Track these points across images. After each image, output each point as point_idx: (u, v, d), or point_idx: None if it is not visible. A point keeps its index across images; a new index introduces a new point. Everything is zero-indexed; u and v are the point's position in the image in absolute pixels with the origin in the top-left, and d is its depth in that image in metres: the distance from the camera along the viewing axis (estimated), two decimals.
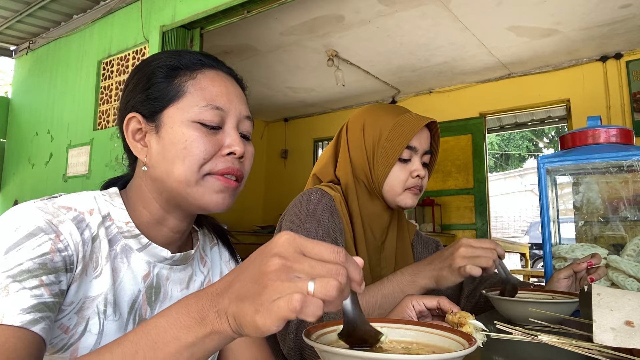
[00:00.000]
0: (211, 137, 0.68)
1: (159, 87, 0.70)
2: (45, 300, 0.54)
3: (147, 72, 0.72)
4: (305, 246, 0.41)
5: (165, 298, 0.72)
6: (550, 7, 3.51)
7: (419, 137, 1.11)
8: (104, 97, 3.88)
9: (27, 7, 4.07)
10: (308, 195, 1.06)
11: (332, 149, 1.21)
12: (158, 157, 0.68)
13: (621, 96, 4.22)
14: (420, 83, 5.28)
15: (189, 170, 0.66)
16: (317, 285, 0.38)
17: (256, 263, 0.42)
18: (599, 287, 0.68)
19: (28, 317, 0.51)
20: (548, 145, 15.56)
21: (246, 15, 2.97)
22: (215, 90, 0.70)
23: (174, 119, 0.68)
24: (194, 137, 0.67)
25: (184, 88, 0.69)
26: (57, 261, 0.57)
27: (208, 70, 0.72)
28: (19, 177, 4.78)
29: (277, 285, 0.39)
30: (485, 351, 0.71)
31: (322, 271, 0.40)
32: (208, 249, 0.85)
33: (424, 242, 1.33)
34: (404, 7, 3.57)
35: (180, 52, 0.74)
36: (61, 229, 0.60)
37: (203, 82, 0.70)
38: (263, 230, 5.47)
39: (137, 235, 0.69)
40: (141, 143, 0.71)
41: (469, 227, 5.08)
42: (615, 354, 0.59)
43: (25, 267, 0.54)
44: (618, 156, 1.13)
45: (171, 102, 0.69)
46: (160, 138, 0.68)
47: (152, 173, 0.70)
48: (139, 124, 0.70)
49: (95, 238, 0.65)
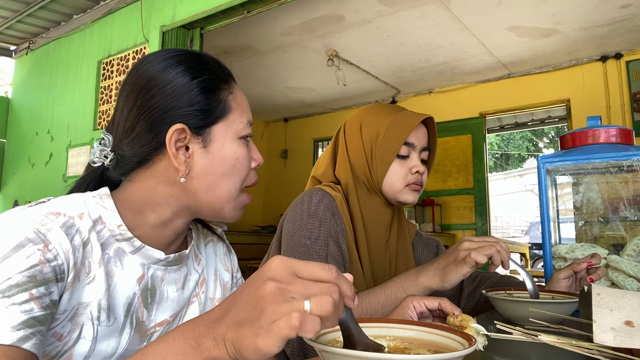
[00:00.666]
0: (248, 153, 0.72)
1: (206, 101, 0.69)
2: (35, 315, 0.53)
3: (188, 79, 0.69)
4: (297, 267, 0.43)
5: (162, 299, 0.72)
6: (550, 7, 3.51)
7: (416, 134, 1.11)
8: (104, 97, 3.88)
9: (27, 7, 4.07)
10: (309, 196, 1.06)
11: (330, 151, 1.22)
12: (202, 171, 0.69)
13: (621, 96, 4.22)
14: (420, 83, 5.28)
15: (235, 187, 0.70)
16: (312, 304, 0.40)
17: (251, 288, 0.43)
18: (599, 287, 0.68)
19: (18, 334, 0.50)
20: (548, 145, 15.56)
21: (246, 15, 2.97)
22: (245, 105, 0.74)
23: (226, 135, 0.70)
24: (244, 155, 0.71)
25: (229, 103, 0.71)
26: (47, 272, 0.56)
27: (232, 81, 0.74)
28: (19, 177, 4.78)
29: (274, 307, 0.40)
30: (485, 351, 0.71)
31: (316, 290, 0.41)
32: (202, 246, 0.84)
33: (424, 242, 1.33)
34: (404, 7, 3.57)
35: (208, 59, 0.73)
36: (50, 237, 0.58)
37: (237, 96, 0.73)
38: (263, 230, 5.47)
39: (129, 239, 0.68)
40: (183, 154, 0.69)
41: (469, 227, 5.08)
42: (615, 354, 0.59)
43: (14, 281, 0.52)
44: (618, 156, 1.13)
45: (220, 118, 0.70)
46: (210, 153, 0.69)
47: (189, 185, 0.69)
48: (182, 134, 0.68)
49: (87, 243, 0.63)
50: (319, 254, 0.99)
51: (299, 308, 0.39)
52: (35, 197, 4.37)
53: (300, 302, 0.40)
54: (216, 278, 0.84)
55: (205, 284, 0.81)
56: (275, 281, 0.41)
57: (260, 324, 0.40)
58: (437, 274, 0.96)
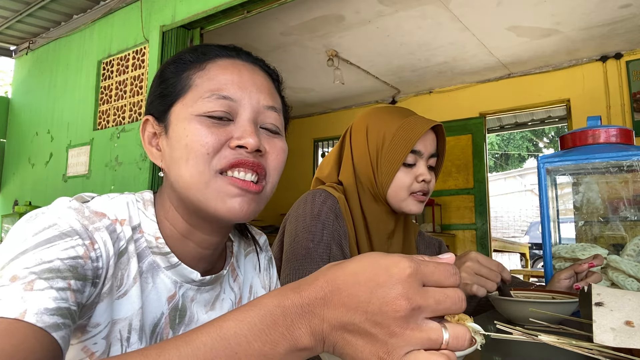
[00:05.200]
0: (217, 129, 0.59)
1: (168, 83, 0.63)
2: (69, 307, 0.46)
3: (160, 70, 0.66)
4: (425, 276, 0.37)
5: (191, 321, 0.64)
6: (550, 7, 3.51)
7: (424, 141, 1.08)
8: (104, 97, 3.88)
9: (27, 7, 4.07)
10: (312, 197, 1.05)
11: (335, 153, 1.20)
12: (169, 160, 0.61)
13: (621, 96, 4.22)
14: (420, 83, 5.28)
15: (194, 169, 0.58)
16: (451, 340, 0.36)
17: (374, 298, 0.36)
18: (599, 287, 0.68)
19: (51, 319, 0.44)
20: (548, 145, 15.56)
21: (246, 15, 2.97)
22: (224, 79, 0.61)
23: (179, 115, 0.60)
24: (195, 130, 0.58)
25: (191, 81, 0.61)
26: (87, 270, 0.51)
27: (222, 59, 0.64)
28: (19, 177, 4.78)
29: (407, 334, 0.35)
30: (485, 351, 0.71)
31: (448, 304, 0.37)
32: (242, 258, 0.76)
33: (427, 242, 1.32)
34: (404, 7, 3.57)
35: (200, 46, 0.67)
36: (96, 237, 0.53)
37: (212, 72, 0.62)
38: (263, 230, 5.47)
39: (166, 253, 0.61)
40: (156, 148, 0.64)
41: (469, 227, 5.08)
42: (615, 354, 0.58)
43: (55, 265, 0.47)
44: (618, 156, 1.13)
45: (177, 98, 0.61)
46: (169, 138, 0.61)
47: (169, 179, 0.62)
48: (152, 127, 0.64)
49: (123, 253, 0.57)
50: (321, 257, 0.98)
51: (437, 342, 0.36)
52: (35, 197, 4.37)
53: (437, 333, 0.36)
54: (250, 296, 0.76)
55: (241, 304, 0.72)
56: (407, 299, 0.35)
57: (388, 348, 0.35)
58: None
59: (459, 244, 5.13)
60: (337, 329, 0.37)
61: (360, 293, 0.36)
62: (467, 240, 5.08)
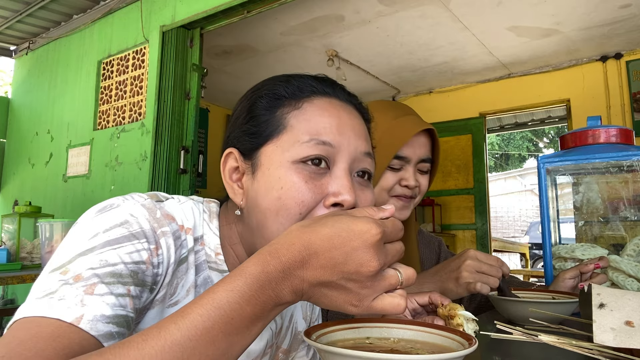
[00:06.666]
0: (313, 183, 0.55)
1: (259, 119, 0.59)
2: (127, 314, 0.47)
3: (250, 101, 0.62)
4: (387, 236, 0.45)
5: None
6: (550, 7, 3.51)
7: (412, 146, 1.03)
8: (104, 97, 3.88)
9: (27, 7, 4.07)
10: None
11: None
12: (252, 204, 0.57)
13: (621, 96, 4.22)
14: (420, 83, 5.28)
15: (283, 227, 0.54)
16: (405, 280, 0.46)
17: (350, 260, 0.42)
18: (599, 287, 0.68)
19: (105, 327, 0.44)
20: (548, 145, 15.55)
21: (246, 15, 2.97)
22: (324, 122, 0.57)
23: (272, 158, 0.56)
24: (291, 184, 0.54)
25: (286, 121, 0.57)
26: (148, 275, 0.51)
27: (318, 98, 0.59)
28: (19, 177, 4.77)
29: (375, 285, 0.44)
30: (485, 351, 0.71)
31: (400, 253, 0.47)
32: None
33: (427, 241, 1.32)
34: (404, 7, 3.57)
35: (290, 76, 0.62)
36: (162, 242, 0.53)
37: (309, 112, 0.58)
38: None
39: (223, 272, 0.59)
40: (238, 184, 0.60)
41: (469, 227, 5.08)
42: (615, 354, 0.58)
43: (117, 270, 0.47)
44: (618, 156, 1.13)
45: (270, 138, 0.57)
46: (256, 181, 0.57)
47: (246, 220, 0.59)
48: (236, 162, 0.60)
49: (183, 261, 0.56)
50: None
51: (396, 285, 0.44)
52: (35, 197, 4.37)
53: (396, 279, 0.45)
54: (290, 325, 0.74)
55: (281, 334, 0.71)
56: (379, 260, 0.43)
57: (359, 297, 0.43)
58: (437, 287, 0.96)
59: (459, 244, 5.13)
60: (315, 286, 0.43)
61: (336, 256, 0.42)
62: (467, 240, 5.08)
